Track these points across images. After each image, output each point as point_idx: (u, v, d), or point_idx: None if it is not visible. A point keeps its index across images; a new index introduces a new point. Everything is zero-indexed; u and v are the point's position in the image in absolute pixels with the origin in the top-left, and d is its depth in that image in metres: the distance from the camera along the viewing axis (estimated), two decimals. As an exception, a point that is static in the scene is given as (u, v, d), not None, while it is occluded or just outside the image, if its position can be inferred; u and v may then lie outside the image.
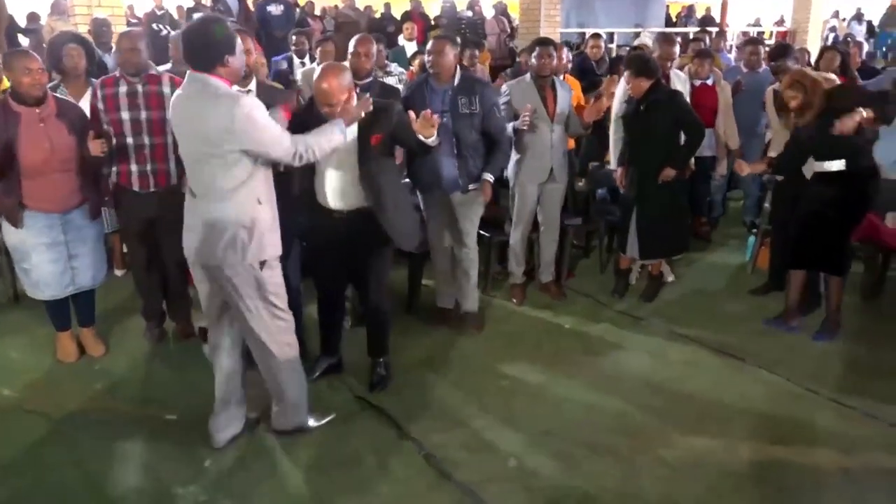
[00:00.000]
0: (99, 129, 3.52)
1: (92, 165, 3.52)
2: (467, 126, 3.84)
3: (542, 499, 2.76)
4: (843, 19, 17.00)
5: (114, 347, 3.92)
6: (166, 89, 3.63)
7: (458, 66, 3.96)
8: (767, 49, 5.99)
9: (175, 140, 3.63)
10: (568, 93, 4.42)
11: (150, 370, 3.75)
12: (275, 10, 8.98)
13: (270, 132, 2.65)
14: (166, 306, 4.06)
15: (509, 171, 4.45)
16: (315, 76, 2.99)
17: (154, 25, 8.98)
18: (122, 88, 3.57)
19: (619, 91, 4.68)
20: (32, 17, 9.97)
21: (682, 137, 4.32)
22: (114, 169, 3.66)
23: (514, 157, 4.37)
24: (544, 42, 4.33)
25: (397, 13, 12.30)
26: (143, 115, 3.58)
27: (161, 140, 3.64)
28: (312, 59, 6.03)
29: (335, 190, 3.17)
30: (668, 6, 13.30)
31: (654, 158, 4.26)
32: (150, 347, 3.95)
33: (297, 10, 10.77)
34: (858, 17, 16.62)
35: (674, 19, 14.38)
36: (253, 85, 3.50)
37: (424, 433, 3.16)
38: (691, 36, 8.49)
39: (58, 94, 3.66)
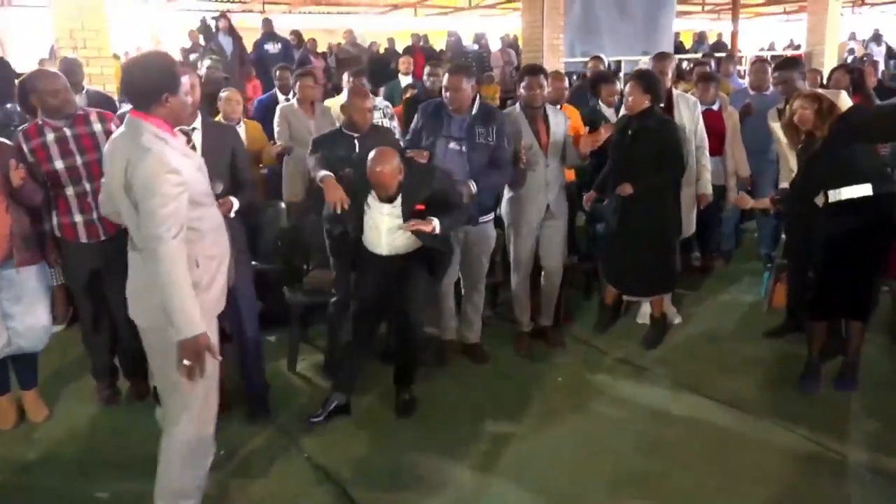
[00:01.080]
0: (33, 171, 3.22)
1: (23, 202, 3.21)
2: (483, 156, 3.72)
3: None
4: (862, 41, 16.55)
5: (58, 411, 3.57)
6: (97, 126, 3.35)
7: (477, 96, 3.82)
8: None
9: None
10: (563, 121, 4.08)
11: (92, 438, 3.38)
12: (272, 48, 8.87)
13: (154, 203, 2.22)
14: (119, 364, 3.73)
15: (503, 211, 4.12)
16: (369, 161, 3.28)
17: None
18: (49, 136, 3.26)
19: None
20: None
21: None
22: (55, 222, 3.36)
23: (506, 194, 4.05)
24: (533, 71, 3.99)
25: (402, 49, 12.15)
26: (79, 160, 3.28)
27: None
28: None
29: (388, 244, 3.46)
30: (677, 33, 13.00)
31: (636, 188, 3.93)
32: (97, 410, 3.60)
33: (301, 48, 10.67)
34: (876, 38, 16.13)
35: (686, 47, 14.06)
36: (198, 123, 3.24)
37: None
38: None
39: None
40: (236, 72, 8.09)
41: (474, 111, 3.75)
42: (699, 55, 10.87)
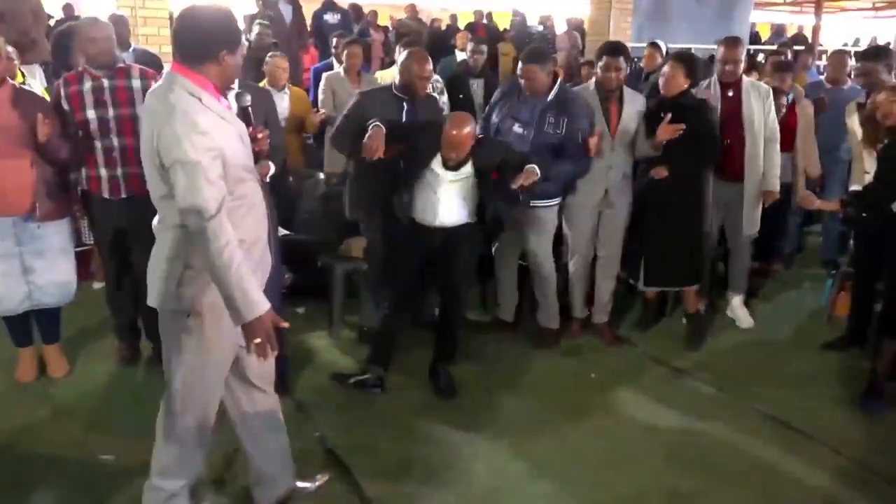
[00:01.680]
0: (62, 127, 3.16)
1: (48, 156, 3.15)
2: (546, 145, 3.54)
3: None
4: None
5: (78, 368, 3.54)
6: (136, 83, 3.27)
7: (558, 81, 3.62)
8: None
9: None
10: (639, 106, 3.79)
11: (107, 399, 3.33)
12: (331, 18, 8.72)
13: (188, 171, 1.94)
14: (142, 324, 3.68)
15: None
16: (448, 123, 3.22)
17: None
18: (87, 84, 3.20)
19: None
20: (68, 10, 9.78)
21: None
22: (82, 174, 3.31)
23: None
24: (613, 51, 3.69)
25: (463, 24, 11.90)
26: (111, 112, 3.21)
27: (132, 141, 3.24)
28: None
29: (441, 214, 3.35)
30: (754, 24, 12.34)
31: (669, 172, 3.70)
32: (117, 370, 3.55)
33: (360, 21, 10.53)
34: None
35: (762, 39, 13.39)
36: (235, 84, 3.10)
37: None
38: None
39: (24, 86, 3.36)
40: (294, 41, 7.98)
41: (550, 97, 3.56)
42: (775, 47, 10.28)
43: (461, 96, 5.60)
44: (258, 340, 2.02)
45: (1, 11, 8.15)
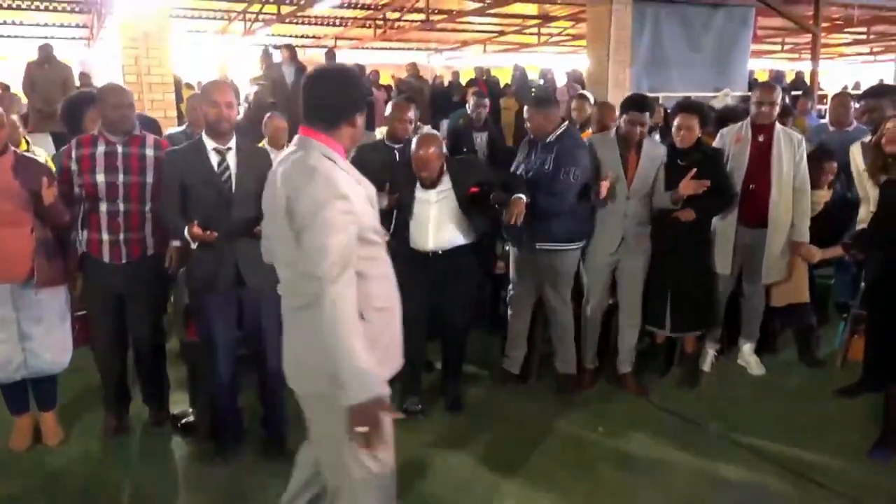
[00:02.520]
0: (66, 191, 3.18)
1: (50, 221, 3.15)
2: (536, 181, 3.63)
3: None
4: (958, 82, 15.59)
5: (74, 436, 3.46)
6: (150, 152, 3.31)
7: (563, 125, 3.80)
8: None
9: (154, 207, 3.28)
10: (659, 156, 3.77)
11: (100, 468, 3.23)
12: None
13: (320, 234, 1.87)
14: (141, 389, 3.62)
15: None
16: (413, 146, 3.44)
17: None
18: (101, 148, 3.24)
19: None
20: (84, 78, 9.95)
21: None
22: (83, 237, 3.30)
23: None
24: (640, 106, 3.71)
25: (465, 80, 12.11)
26: (121, 178, 3.23)
27: (138, 207, 3.28)
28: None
29: (434, 237, 3.48)
30: (752, 71, 12.47)
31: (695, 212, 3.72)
32: (116, 437, 3.47)
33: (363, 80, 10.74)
34: (975, 79, 15.22)
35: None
36: (232, 143, 3.12)
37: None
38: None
39: (28, 153, 3.39)
40: (296, 102, 8.12)
41: (549, 139, 3.68)
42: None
43: (465, 149, 5.65)
44: (362, 429, 1.83)
45: (33, 79, 8.41)
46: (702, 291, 3.90)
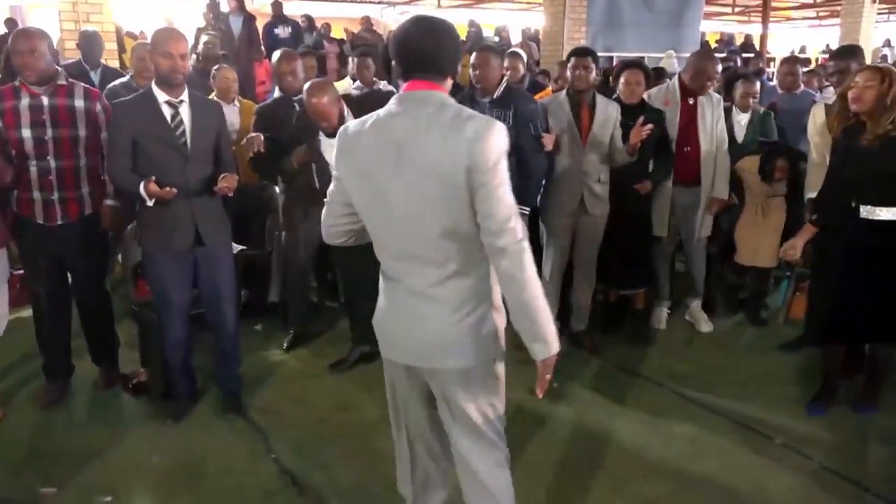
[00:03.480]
0: (4, 153, 3.00)
1: None
2: None
3: None
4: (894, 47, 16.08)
5: (14, 405, 3.32)
6: (79, 102, 3.11)
7: (504, 78, 3.66)
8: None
9: (90, 163, 3.15)
10: (613, 114, 3.73)
11: (48, 433, 3.12)
12: (282, 32, 8.60)
13: (503, 187, 1.72)
14: (89, 349, 3.51)
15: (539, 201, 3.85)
16: (304, 95, 3.19)
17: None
18: (24, 101, 3.02)
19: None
20: (10, 24, 9.33)
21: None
22: (13, 196, 3.12)
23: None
24: (581, 52, 3.75)
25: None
26: (49, 132, 3.04)
27: (72, 163, 3.10)
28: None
29: None
30: (703, 34, 12.57)
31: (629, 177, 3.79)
32: (61, 402, 3.35)
33: (314, 32, 10.44)
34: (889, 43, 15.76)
35: (712, 47, 13.68)
36: (185, 96, 2.98)
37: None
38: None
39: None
40: (244, 53, 7.86)
41: (496, 94, 3.58)
42: (724, 55, 10.49)
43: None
44: (548, 377, 1.88)
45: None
46: (647, 248, 3.99)
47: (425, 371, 1.91)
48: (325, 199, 1.91)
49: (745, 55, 10.88)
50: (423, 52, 1.74)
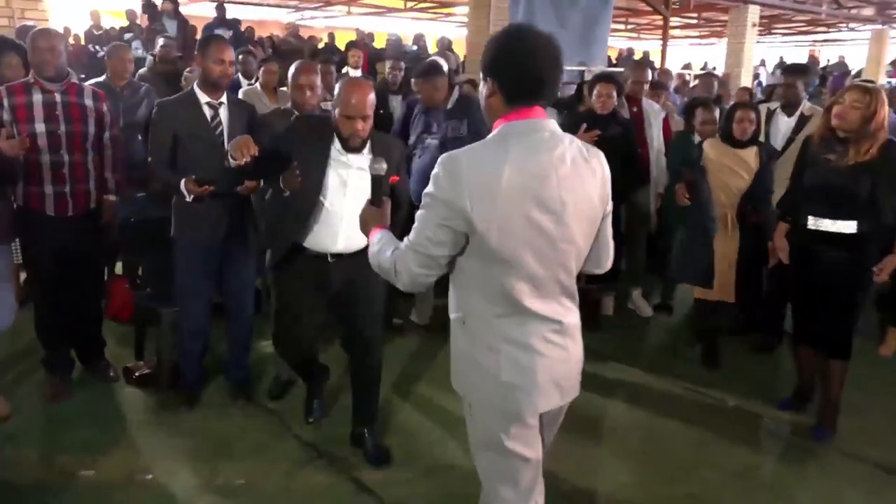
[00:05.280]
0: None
1: (3, 176, 3.04)
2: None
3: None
4: (768, 68, 17.76)
5: (21, 404, 3.31)
6: (88, 101, 3.25)
7: (455, 89, 3.94)
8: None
9: (97, 158, 3.27)
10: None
11: (66, 428, 3.17)
12: (224, 33, 8.57)
13: None
14: (76, 353, 3.56)
15: None
16: (341, 88, 2.59)
17: (91, 46, 8.45)
18: (37, 97, 3.12)
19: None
20: None
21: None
22: (20, 190, 3.18)
23: None
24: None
25: (340, 44, 12.07)
26: (63, 128, 3.16)
27: (81, 157, 3.23)
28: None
29: (346, 231, 2.68)
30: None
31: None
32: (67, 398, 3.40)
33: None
34: (782, 65, 17.45)
35: (614, 61, 14.64)
36: (224, 98, 3.17)
37: (384, 485, 2.80)
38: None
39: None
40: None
41: (449, 105, 3.83)
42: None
43: (381, 111, 5.80)
44: None
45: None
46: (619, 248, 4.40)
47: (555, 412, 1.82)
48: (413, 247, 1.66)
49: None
50: (549, 77, 1.63)
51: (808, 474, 3.00)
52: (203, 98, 3.10)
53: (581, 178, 1.64)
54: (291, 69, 3.35)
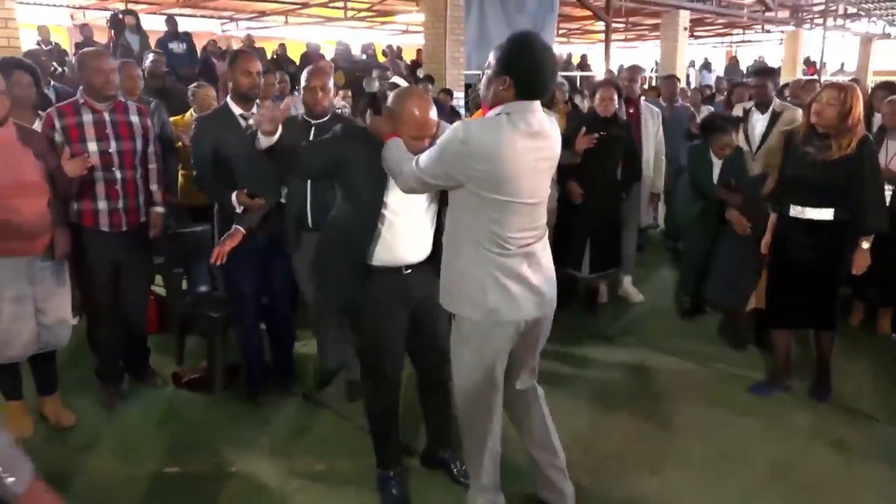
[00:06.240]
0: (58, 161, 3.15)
1: (64, 194, 3.14)
2: None
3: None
4: (695, 68, 18.78)
5: (80, 413, 3.42)
6: (134, 118, 3.40)
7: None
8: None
9: (144, 174, 3.43)
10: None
11: (139, 432, 3.32)
12: (177, 47, 8.59)
13: None
14: (123, 363, 3.69)
15: None
16: (405, 101, 2.40)
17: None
18: (88, 117, 3.25)
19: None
20: None
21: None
22: (73, 207, 3.29)
23: None
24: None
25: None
26: (114, 146, 3.29)
27: (132, 174, 3.37)
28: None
29: (419, 243, 2.62)
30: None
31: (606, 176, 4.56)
32: (123, 405, 3.55)
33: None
34: (707, 65, 18.51)
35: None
36: (255, 108, 3.33)
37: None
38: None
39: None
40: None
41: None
42: (574, 73, 11.90)
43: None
44: None
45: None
46: (614, 238, 4.74)
47: (534, 322, 2.37)
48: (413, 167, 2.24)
49: (583, 73, 12.44)
50: (545, 76, 2.18)
51: (817, 430, 3.38)
52: (237, 111, 3.29)
53: (555, 139, 2.28)
54: (304, 73, 3.32)
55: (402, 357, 2.72)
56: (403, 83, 5.61)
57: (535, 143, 2.20)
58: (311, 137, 3.19)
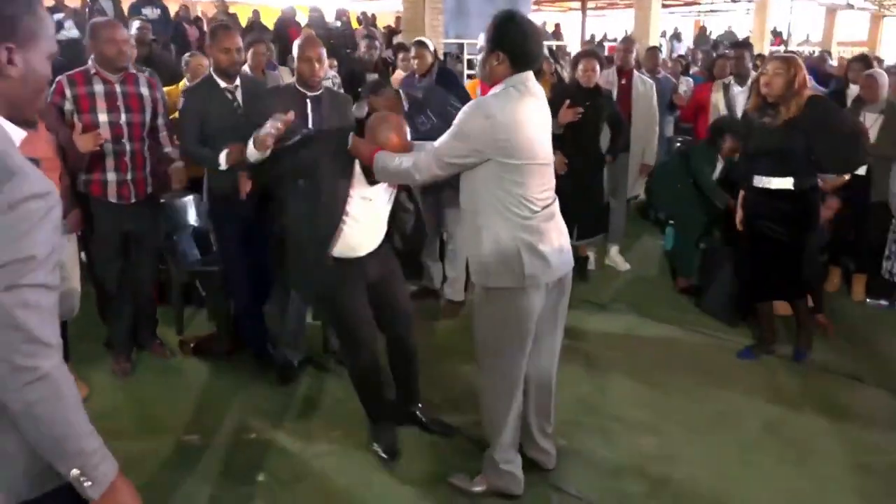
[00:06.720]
0: (69, 129, 3.14)
1: (74, 167, 3.14)
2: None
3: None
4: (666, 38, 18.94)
5: (95, 387, 3.44)
6: (144, 90, 3.37)
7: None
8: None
9: (151, 145, 3.42)
10: None
11: (151, 400, 3.38)
12: (150, 13, 8.37)
13: None
14: (137, 331, 3.71)
15: None
16: (385, 129, 2.62)
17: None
18: (98, 87, 3.22)
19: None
20: None
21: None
22: (81, 178, 3.28)
23: None
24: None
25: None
26: (124, 117, 3.28)
27: (140, 146, 3.37)
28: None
29: (377, 232, 2.89)
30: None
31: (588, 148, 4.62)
32: (134, 375, 3.58)
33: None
34: (677, 35, 18.68)
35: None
36: (238, 81, 3.40)
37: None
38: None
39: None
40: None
41: (406, 108, 3.82)
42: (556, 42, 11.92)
43: (360, 90, 5.99)
44: None
45: None
46: (598, 205, 4.88)
47: (558, 281, 2.53)
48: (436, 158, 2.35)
49: (556, 42, 12.48)
50: (533, 46, 2.37)
51: (804, 391, 3.58)
52: (221, 84, 3.32)
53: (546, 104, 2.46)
54: (296, 43, 3.27)
55: (374, 325, 2.87)
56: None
57: (539, 108, 2.41)
58: (307, 111, 3.25)
